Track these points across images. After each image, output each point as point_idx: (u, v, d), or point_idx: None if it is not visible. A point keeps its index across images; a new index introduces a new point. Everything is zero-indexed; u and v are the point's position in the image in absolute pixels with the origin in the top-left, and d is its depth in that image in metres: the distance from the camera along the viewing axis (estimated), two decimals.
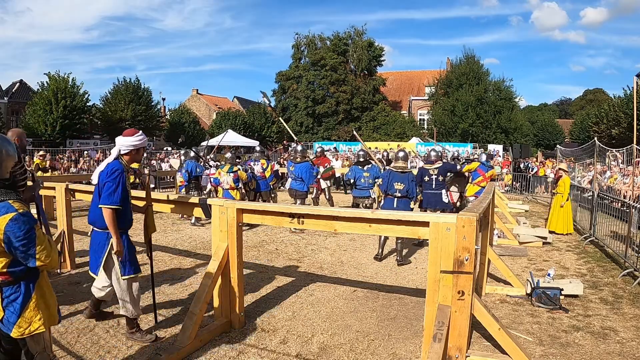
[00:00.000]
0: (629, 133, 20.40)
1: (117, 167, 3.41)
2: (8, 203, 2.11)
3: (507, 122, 30.21)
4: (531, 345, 3.71)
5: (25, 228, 2.08)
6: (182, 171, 9.87)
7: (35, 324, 2.23)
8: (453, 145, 26.09)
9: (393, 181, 6.27)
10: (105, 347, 3.48)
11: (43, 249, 2.15)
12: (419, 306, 4.46)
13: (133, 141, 3.54)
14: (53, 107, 24.58)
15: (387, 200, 6.35)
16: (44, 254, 2.15)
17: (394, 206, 6.19)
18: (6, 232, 2.06)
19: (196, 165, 9.91)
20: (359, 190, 7.62)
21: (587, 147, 11.13)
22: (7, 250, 2.10)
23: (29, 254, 2.12)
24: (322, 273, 5.77)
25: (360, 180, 7.54)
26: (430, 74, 38.83)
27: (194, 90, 47.34)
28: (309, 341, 3.71)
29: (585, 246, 7.73)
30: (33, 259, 2.13)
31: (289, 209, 3.57)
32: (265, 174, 9.33)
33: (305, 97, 35.37)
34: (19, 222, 2.07)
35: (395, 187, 6.23)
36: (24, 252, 2.11)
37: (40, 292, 2.27)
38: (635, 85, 13.35)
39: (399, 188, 6.21)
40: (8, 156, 2.20)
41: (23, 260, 2.14)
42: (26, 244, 2.09)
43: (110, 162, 3.51)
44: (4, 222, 2.06)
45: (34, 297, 2.23)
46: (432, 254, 2.94)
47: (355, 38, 36.47)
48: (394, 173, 6.34)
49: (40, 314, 2.24)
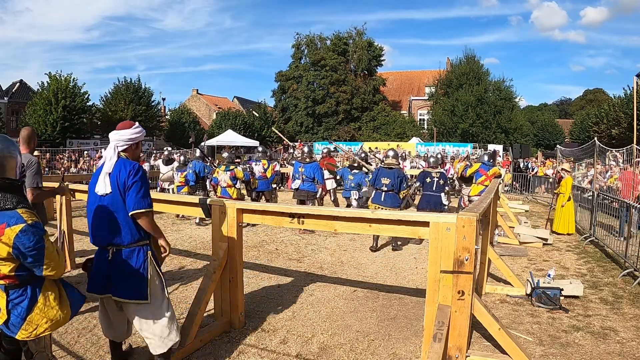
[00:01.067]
0: (629, 133, 20.40)
1: (136, 164, 2.88)
2: (17, 213, 2.11)
3: (507, 122, 30.23)
4: (531, 345, 3.71)
5: (34, 239, 2.10)
6: (189, 171, 9.80)
7: (42, 327, 2.24)
8: (453, 145, 26.11)
9: (381, 176, 6.81)
10: (105, 347, 3.47)
11: (51, 260, 2.19)
12: (419, 306, 4.46)
13: (131, 134, 2.93)
14: (53, 107, 24.61)
15: (376, 193, 6.84)
16: (51, 265, 2.19)
17: (381, 199, 6.72)
18: (15, 243, 2.07)
19: (204, 166, 9.93)
20: (345, 191, 8.42)
21: (587, 147, 11.11)
22: (17, 259, 2.12)
23: (37, 264, 2.15)
24: (322, 273, 5.77)
25: (345, 181, 8.27)
26: (430, 74, 38.85)
27: (194, 90, 47.36)
28: (309, 341, 3.71)
29: (585, 246, 7.73)
30: (40, 268, 2.16)
31: (289, 209, 3.57)
32: (267, 174, 9.35)
33: (305, 97, 35.37)
34: (28, 233, 2.08)
35: (382, 181, 6.75)
36: (33, 262, 2.14)
37: (46, 295, 2.29)
38: (635, 85, 13.37)
39: (385, 182, 6.73)
40: (12, 157, 2.20)
41: (31, 268, 2.16)
42: (35, 255, 2.12)
43: (123, 162, 2.85)
44: (13, 233, 2.06)
45: (40, 300, 2.25)
46: (432, 254, 2.94)
47: (356, 38, 36.47)
48: (382, 169, 6.95)
49: (46, 317, 2.25)
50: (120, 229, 2.76)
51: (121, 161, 2.85)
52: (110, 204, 2.77)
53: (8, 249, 2.06)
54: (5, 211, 2.09)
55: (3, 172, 2.15)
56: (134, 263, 2.78)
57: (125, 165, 2.83)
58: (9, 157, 2.17)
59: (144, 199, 2.79)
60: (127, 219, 2.76)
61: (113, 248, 2.78)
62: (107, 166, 2.83)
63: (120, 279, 2.77)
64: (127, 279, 2.77)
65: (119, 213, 2.76)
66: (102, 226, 2.80)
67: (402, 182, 6.81)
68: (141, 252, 2.82)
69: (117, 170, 2.80)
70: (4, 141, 2.20)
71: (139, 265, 2.79)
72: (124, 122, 3.01)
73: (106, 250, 2.81)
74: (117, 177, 2.78)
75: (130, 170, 2.80)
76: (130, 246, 2.79)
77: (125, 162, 2.85)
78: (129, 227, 2.77)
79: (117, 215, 2.76)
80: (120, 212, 2.76)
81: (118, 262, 2.78)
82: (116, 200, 2.76)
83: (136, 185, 2.77)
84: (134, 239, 2.80)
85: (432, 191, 7.47)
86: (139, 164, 2.89)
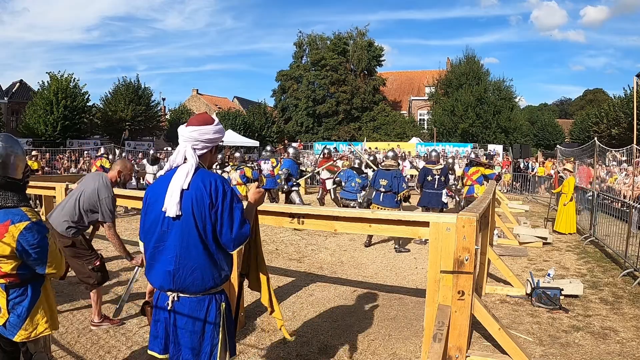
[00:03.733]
0: (629, 133, 20.39)
1: (225, 179, 2.10)
2: (22, 211, 2.13)
3: (507, 122, 30.20)
4: (531, 345, 3.71)
5: (38, 237, 2.12)
6: None
7: (42, 326, 2.24)
8: (453, 145, 26.11)
9: (379, 178, 6.97)
10: (105, 347, 3.48)
11: (54, 258, 2.20)
12: (419, 306, 4.46)
13: (215, 132, 2.11)
14: (54, 107, 24.61)
15: (375, 194, 6.98)
16: (54, 263, 2.20)
17: (380, 200, 6.87)
18: (19, 240, 2.08)
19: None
20: (347, 193, 8.19)
21: (587, 147, 11.11)
22: (19, 257, 2.12)
23: (40, 261, 2.15)
24: (322, 273, 5.77)
25: (350, 184, 8.15)
26: (430, 74, 38.81)
27: (194, 90, 47.35)
28: (309, 341, 3.71)
29: (585, 246, 7.73)
30: (43, 266, 2.17)
31: (289, 209, 3.57)
32: (275, 172, 9.57)
33: (305, 97, 35.36)
34: (32, 230, 2.10)
35: (380, 182, 6.89)
36: (36, 260, 2.14)
37: (46, 295, 2.30)
38: (635, 85, 13.37)
39: (383, 184, 6.86)
40: (17, 157, 2.19)
41: (33, 266, 2.17)
42: (39, 252, 2.13)
43: (204, 174, 2.01)
44: (17, 230, 2.08)
45: (41, 299, 2.26)
46: (432, 254, 2.94)
47: (357, 38, 36.46)
48: (381, 171, 7.11)
49: (46, 316, 2.27)
50: (205, 266, 1.98)
51: (201, 173, 2.01)
52: (179, 233, 1.96)
53: (12, 246, 2.06)
54: (8, 209, 2.09)
55: (6, 171, 2.14)
56: (202, 316, 2.00)
57: (213, 178, 2.00)
58: (12, 156, 2.16)
59: (246, 223, 2.03)
60: (206, 257, 1.98)
61: (175, 297, 1.99)
62: (181, 178, 1.97)
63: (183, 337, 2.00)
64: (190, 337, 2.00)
65: (190, 248, 1.95)
66: (182, 266, 1.97)
67: (400, 182, 6.84)
68: (214, 300, 2.04)
69: (195, 186, 1.96)
70: (8, 140, 2.19)
71: (211, 320, 2.02)
72: (202, 115, 2.16)
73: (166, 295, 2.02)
74: (194, 198, 1.94)
75: (225, 189, 1.99)
76: (208, 293, 2.02)
77: (213, 175, 2.04)
78: (210, 266, 2.00)
79: (192, 251, 1.96)
80: (192, 247, 1.96)
81: (179, 323, 1.99)
82: (188, 229, 1.95)
83: (237, 208, 2.00)
84: (212, 284, 2.01)
85: (433, 189, 7.47)
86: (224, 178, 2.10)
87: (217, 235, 1.97)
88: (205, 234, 1.96)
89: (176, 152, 2.09)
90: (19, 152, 2.21)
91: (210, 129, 2.08)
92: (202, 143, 2.07)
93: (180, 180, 1.96)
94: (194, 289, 1.98)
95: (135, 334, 3.75)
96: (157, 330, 2.04)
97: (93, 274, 3.77)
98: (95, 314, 3.87)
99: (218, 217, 1.95)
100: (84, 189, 3.74)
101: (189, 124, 2.10)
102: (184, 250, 1.96)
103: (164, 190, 1.99)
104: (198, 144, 2.06)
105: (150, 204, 2.05)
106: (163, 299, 2.02)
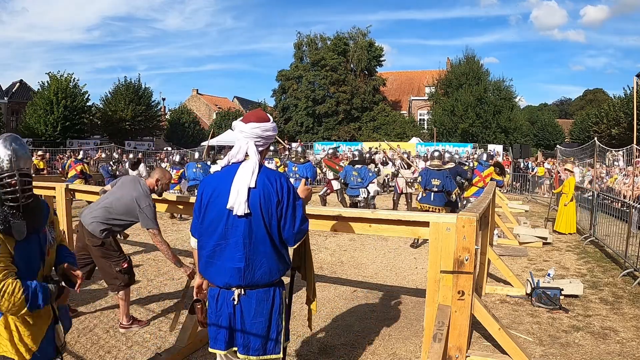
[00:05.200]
0: (629, 133, 20.38)
1: (287, 176, 2.18)
2: None
3: (507, 122, 30.21)
4: (531, 345, 3.71)
5: None
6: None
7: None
8: (453, 145, 26.11)
9: (430, 178, 6.88)
10: (105, 347, 3.48)
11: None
12: (419, 306, 4.46)
13: (273, 129, 2.15)
14: (54, 107, 24.63)
15: (427, 194, 6.95)
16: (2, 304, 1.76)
17: (431, 199, 6.83)
18: None
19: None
20: (351, 190, 8.14)
21: (587, 147, 11.12)
22: None
23: None
24: (322, 273, 5.77)
25: (350, 179, 8.08)
26: (430, 74, 38.80)
27: (194, 90, 47.38)
28: (309, 341, 3.71)
29: (585, 246, 7.73)
30: None
31: None
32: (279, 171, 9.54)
33: (305, 97, 35.37)
34: None
35: (433, 182, 6.83)
36: None
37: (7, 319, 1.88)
38: (635, 85, 13.36)
39: (435, 184, 6.81)
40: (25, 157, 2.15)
41: None
42: None
43: (268, 172, 2.08)
44: None
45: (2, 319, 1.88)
46: (432, 254, 2.93)
47: (357, 38, 36.47)
48: (430, 171, 7.01)
49: (8, 335, 1.88)
50: (276, 259, 2.10)
51: (265, 171, 2.06)
52: (247, 230, 1.99)
53: None
54: None
55: None
56: (270, 305, 2.11)
57: (276, 176, 2.06)
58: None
59: (306, 219, 2.14)
60: (273, 252, 2.08)
61: (241, 293, 2.05)
62: (246, 176, 1.98)
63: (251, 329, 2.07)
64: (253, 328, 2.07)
65: (258, 244, 2.02)
66: (256, 261, 2.04)
67: (452, 181, 6.87)
68: (280, 291, 2.17)
69: (262, 184, 2.00)
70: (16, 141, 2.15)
71: (277, 306, 2.13)
72: (259, 113, 2.16)
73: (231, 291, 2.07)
74: (261, 195, 1.99)
75: (288, 186, 2.05)
76: (272, 285, 2.13)
77: (276, 172, 2.11)
78: (281, 259, 2.14)
79: (260, 247, 2.03)
80: (260, 243, 2.02)
81: (245, 312, 2.07)
82: (256, 226, 2.00)
83: (299, 205, 2.08)
84: (277, 275, 2.14)
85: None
86: None
87: (280, 230, 2.05)
88: (271, 230, 2.02)
89: (236, 148, 2.07)
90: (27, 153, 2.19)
91: (269, 125, 2.11)
92: (263, 140, 2.08)
93: (246, 178, 1.98)
94: (262, 283, 2.06)
95: (136, 334, 3.75)
96: (219, 328, 2.09)
97: (120, 275, 3.72)
98: (124, 316, 3.83)
99: (283, 213, 2.02)
100: (121, 195, 3.70)
101: (248, 121, 2.09)
102: (253, 247, 2.01)
103: (226, 187, 2.00)
104: (260, 140, 2.08)
105: (212, 202, 2.05)
106: (226, 295, 2.06)
